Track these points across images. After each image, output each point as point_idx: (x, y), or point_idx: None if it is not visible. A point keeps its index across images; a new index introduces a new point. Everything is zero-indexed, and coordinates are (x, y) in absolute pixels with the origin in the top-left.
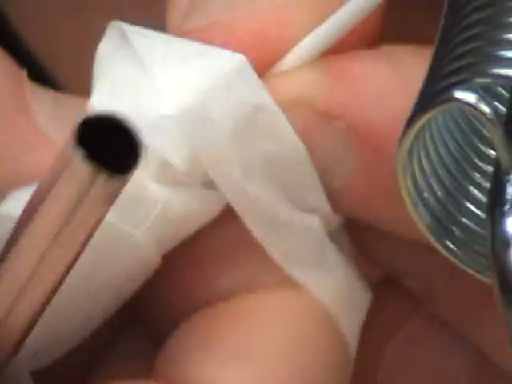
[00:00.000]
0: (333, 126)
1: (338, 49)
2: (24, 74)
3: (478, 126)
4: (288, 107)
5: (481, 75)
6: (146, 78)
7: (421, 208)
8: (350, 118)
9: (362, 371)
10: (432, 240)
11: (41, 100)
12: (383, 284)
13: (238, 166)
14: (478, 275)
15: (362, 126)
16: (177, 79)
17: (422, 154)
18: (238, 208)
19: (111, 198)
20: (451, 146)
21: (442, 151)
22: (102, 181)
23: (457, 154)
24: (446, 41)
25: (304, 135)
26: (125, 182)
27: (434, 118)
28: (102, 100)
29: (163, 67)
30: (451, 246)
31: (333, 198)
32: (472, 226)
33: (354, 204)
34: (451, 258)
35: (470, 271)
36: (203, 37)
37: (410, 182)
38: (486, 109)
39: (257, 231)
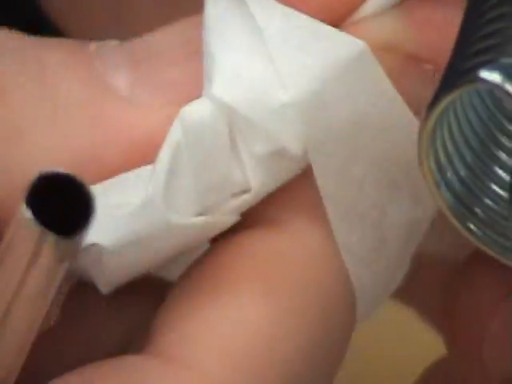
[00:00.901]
0: (422, 69)
1: None
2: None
3: (505, 104)
4: (375, 52)
5: (507, 55)
6: (265, 59)
7: (443, 188)
8: (438, 60)
9: (467, 347)
10: (453, 221)
11: (114, 67)
12: (478, 259)
13: (342, 154)
14: (499, 257)
15: None
16: (297, 64)
17: (446, 132)
18: (324, 193)
19: (63, 258)
20: (476, 124)
21: (467, 130)
22: (51, 242)
23: (482, 133)
24: (473, 19)
25: (392, 79)
26: (75, 243)
27: (459, 97)
28: (224, 89)
29: (283, 48)
30: (473, 227)
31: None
32: (495, 206)
33: None
34: (472, 240)
35: (492, 253)
36: None
37: (432, 162)
38: (510, 89)
39: (334, 218)
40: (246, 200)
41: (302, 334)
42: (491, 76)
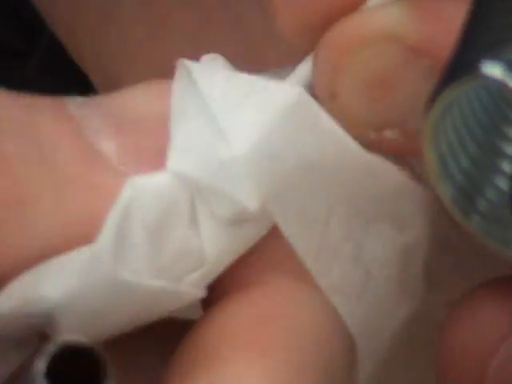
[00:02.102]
0: (420, 62)
1: None
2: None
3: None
4: (376, 42)
5: (509, 50)
6: (210, 122)
7: (446, 181)
8: (438, 56)
9: None
10: (456, 213)
11: (103, 135)
12: (480, 295)
13: (300, 197)
14: (500, 250)
15: None
16: (238, 118)
17: (449, 124)
18: (292, 239)
19: None
20: (481, 115)
21: (471, 121)
22: None
23: (486, 124)
24: (476, 13)
25: (391, 70)
26: None
27: (464, 89)
28: (177, 160)
29: (225, 108)
30: (475, 219)
31: (410, 138)
32: (498, 199)
33: None
34: (474, 231)
35: (493, 245)
36: None
37: (435, 154)
38: None
39: (307, 260)
40: (203, 273)
41: None
42: (493, 70)
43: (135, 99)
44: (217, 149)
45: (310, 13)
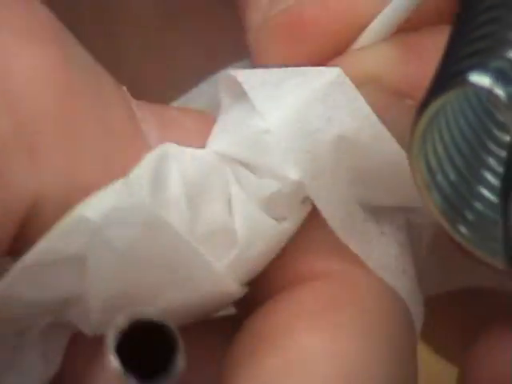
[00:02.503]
0: (403, 103)
1: (415, 25)
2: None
3: (493, 110)
4: (359, 84)
5: (496, 59)
6: (246, 104)
7: (433, 191)
8: (420, 96)
9: None
10: (444, 224)
11: (148, 121)
12: (496, 334)
13: (334, 177)
14: (489, 259)
15: None
16: (274, 96)
17: (436, 137)
18: (332, 223)
19: None
20: (465, 129)
21: (457, 134)
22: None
23: (471, 138)
24: (463, 24)
25: (377, 111)
26: None
27: (449, 102)
28: (215, 140)
29: (262, 92)
30: (463, 229)
31: None
32: (484, 210)
33: None
34: (463, 242)
35: (481, 255)
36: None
37: (423, 165)
38: (500, 93)
39: (350, 242)
40: (236, 258)
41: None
42: (481, 79)
43: (182, 110)
44: (251, 124)
45: (299, 53)
